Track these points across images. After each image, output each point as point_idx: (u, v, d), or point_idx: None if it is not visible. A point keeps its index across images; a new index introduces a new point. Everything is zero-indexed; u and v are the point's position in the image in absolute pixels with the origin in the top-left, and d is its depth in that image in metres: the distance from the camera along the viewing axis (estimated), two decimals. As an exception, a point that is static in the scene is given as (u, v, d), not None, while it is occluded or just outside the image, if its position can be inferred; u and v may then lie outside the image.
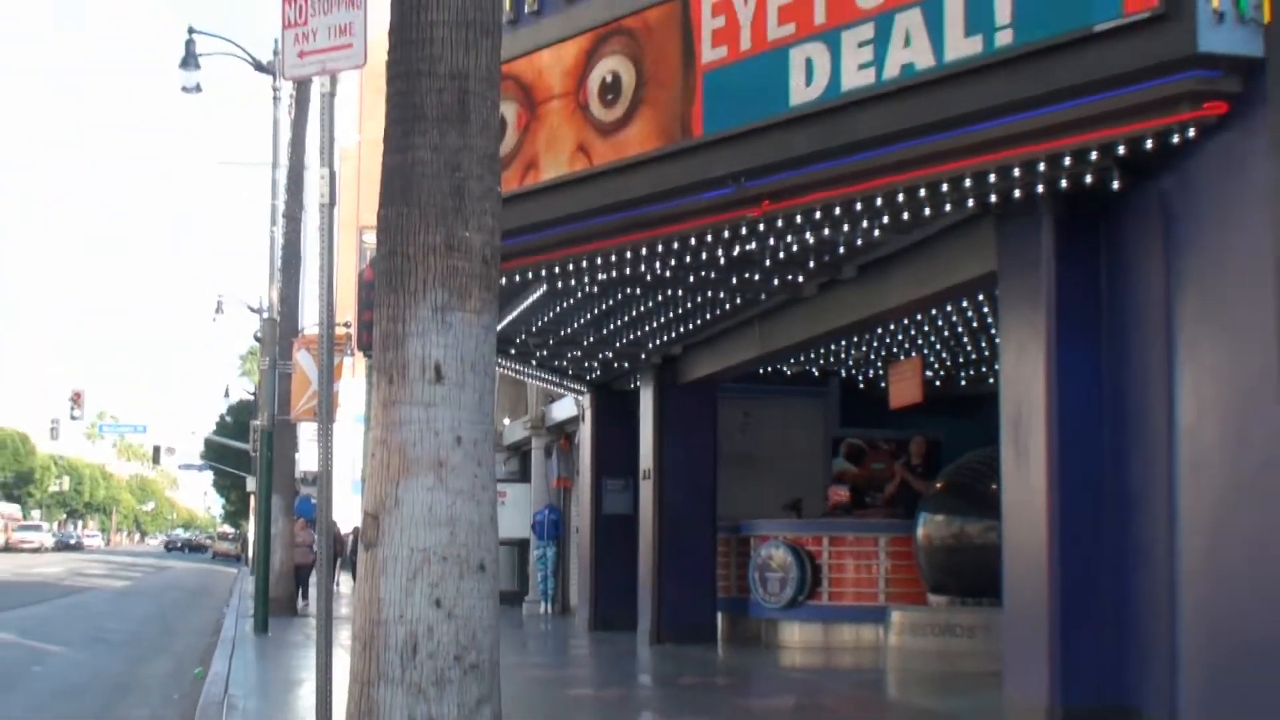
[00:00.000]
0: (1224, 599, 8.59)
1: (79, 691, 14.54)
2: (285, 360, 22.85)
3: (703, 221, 10.98)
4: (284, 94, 28.15)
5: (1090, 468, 9.96)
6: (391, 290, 5.16)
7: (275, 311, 25.59)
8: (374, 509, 5.06)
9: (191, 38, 27.55)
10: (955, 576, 15.86)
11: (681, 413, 19.46)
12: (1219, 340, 8.72)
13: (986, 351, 18.49)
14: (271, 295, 26.41)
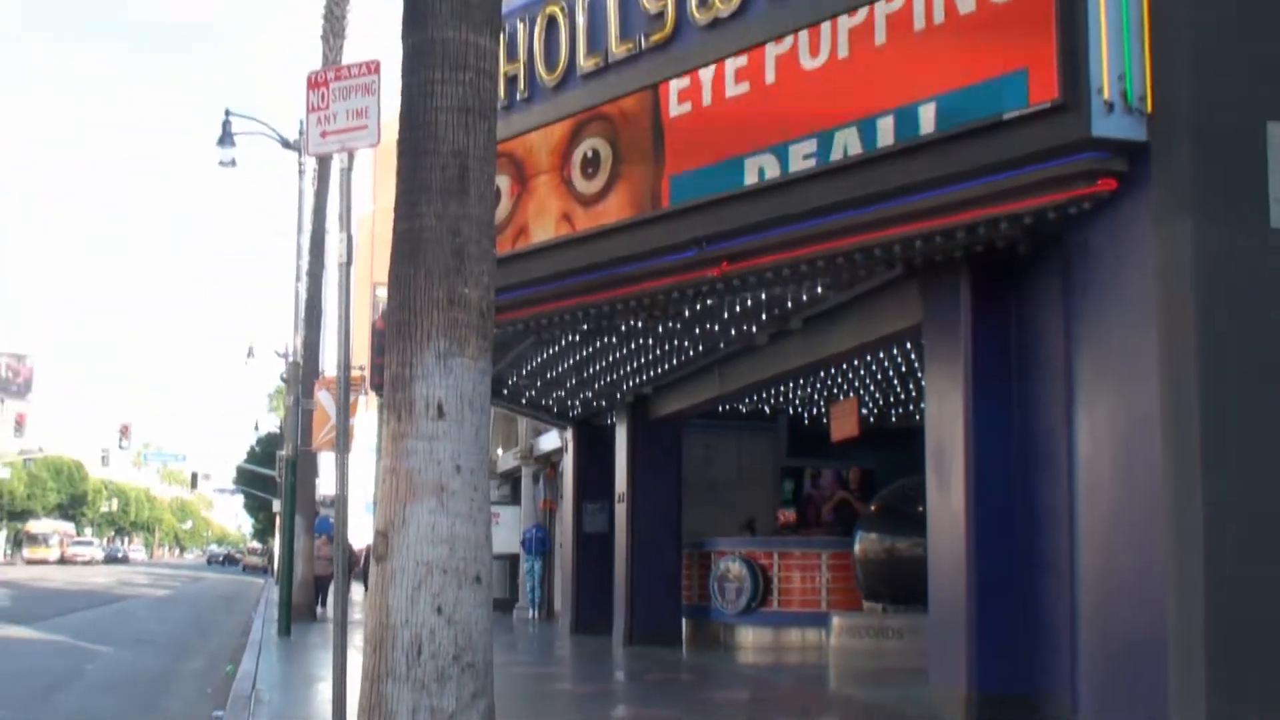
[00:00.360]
0: (1114, 605, 8.63)
1: (125, 685, 14.42)
2: (307, 398, 22.82)
3: (670, 280, 11.02)
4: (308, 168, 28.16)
5: (1002, 493, 9.99)
6: (401, 338, 5.18)
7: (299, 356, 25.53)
8: (384, 528, 5.06)
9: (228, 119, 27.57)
10: (887, 586, 15.87)
11: (651, 445, 19.48)
12: (1110, 386, 8.78)
13: (914, 393, 18.56)
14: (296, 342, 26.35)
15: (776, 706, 11.81)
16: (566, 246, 11.79)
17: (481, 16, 5.64)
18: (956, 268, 10.23)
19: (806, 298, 12.86)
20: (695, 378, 17.30)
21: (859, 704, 11.65)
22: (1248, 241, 8.21)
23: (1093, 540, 8.85)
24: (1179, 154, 8.25)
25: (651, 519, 19.31)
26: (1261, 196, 8.24)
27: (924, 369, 11.33)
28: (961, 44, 9.01)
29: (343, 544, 8.76)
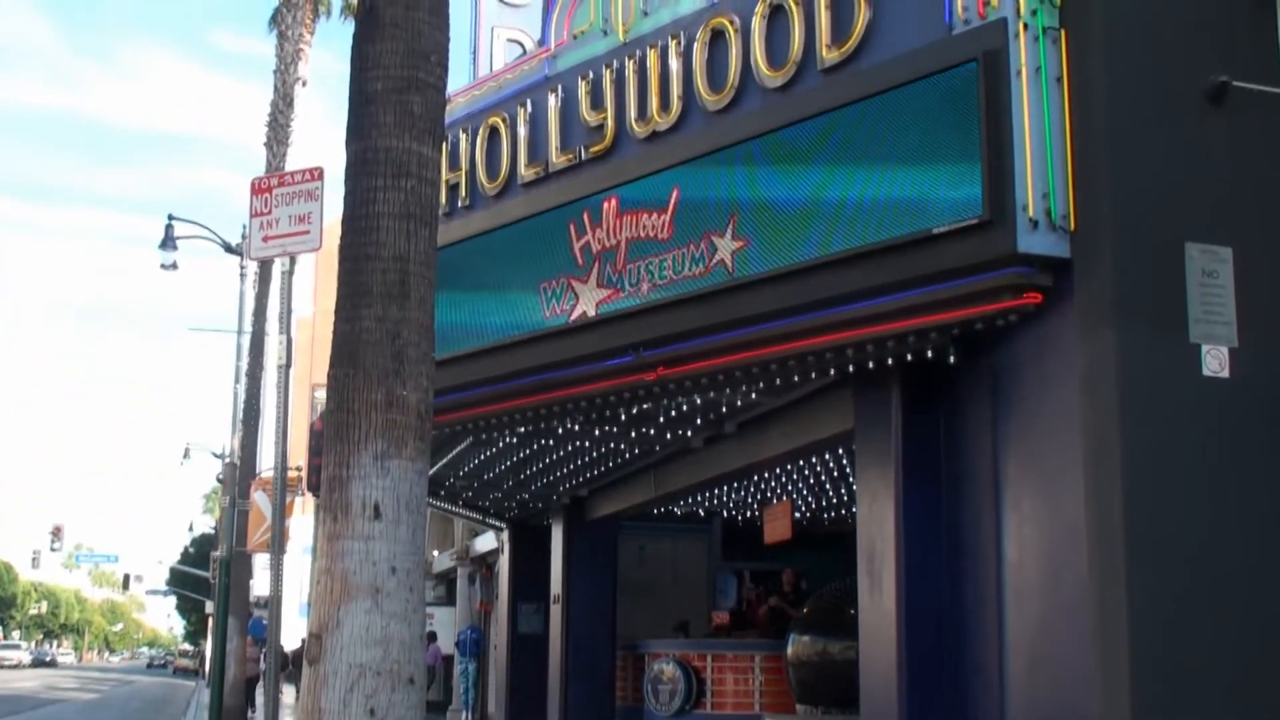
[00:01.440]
0: (1037, 711, 8.62)
1: (49, 792, 13.97)
2: (243, 499, 22.54)
3: (606, 384, 11.05)
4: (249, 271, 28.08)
5: (932, 596, 9.99)
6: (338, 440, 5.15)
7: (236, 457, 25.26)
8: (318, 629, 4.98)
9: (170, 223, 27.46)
10: (820, 689, 15.76)
11: (587, 546, 19.39)
12: (1036, 490, 8.85)
13: (846, 496, 18.59)
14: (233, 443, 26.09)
15: (710, 811, 11.64)
16: (505, 350, 11.80)
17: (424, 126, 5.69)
18: (888, 375, 10.32)
19: (741, 403, 12.92)
20: (631, 480, 17.27)
21: (792, 808, 11.50)
22: (1168, 355, 8.37)
23: (1020, 646, 8.86)
24: (1101, 270, 8.42)
25: (586, 620, 19.16)
26: (1181, 312, 8.42)
27: (855, 473, 11.37)
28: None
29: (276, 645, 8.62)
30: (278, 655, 8.71)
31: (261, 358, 26.81)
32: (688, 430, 14.21)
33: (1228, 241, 8.60)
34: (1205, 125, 8.73)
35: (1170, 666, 8.00)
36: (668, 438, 14.52)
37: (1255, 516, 8.41)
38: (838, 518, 20.48)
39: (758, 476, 17.30)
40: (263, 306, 27.31)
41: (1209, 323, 8.48)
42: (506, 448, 15.52)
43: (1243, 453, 8.45)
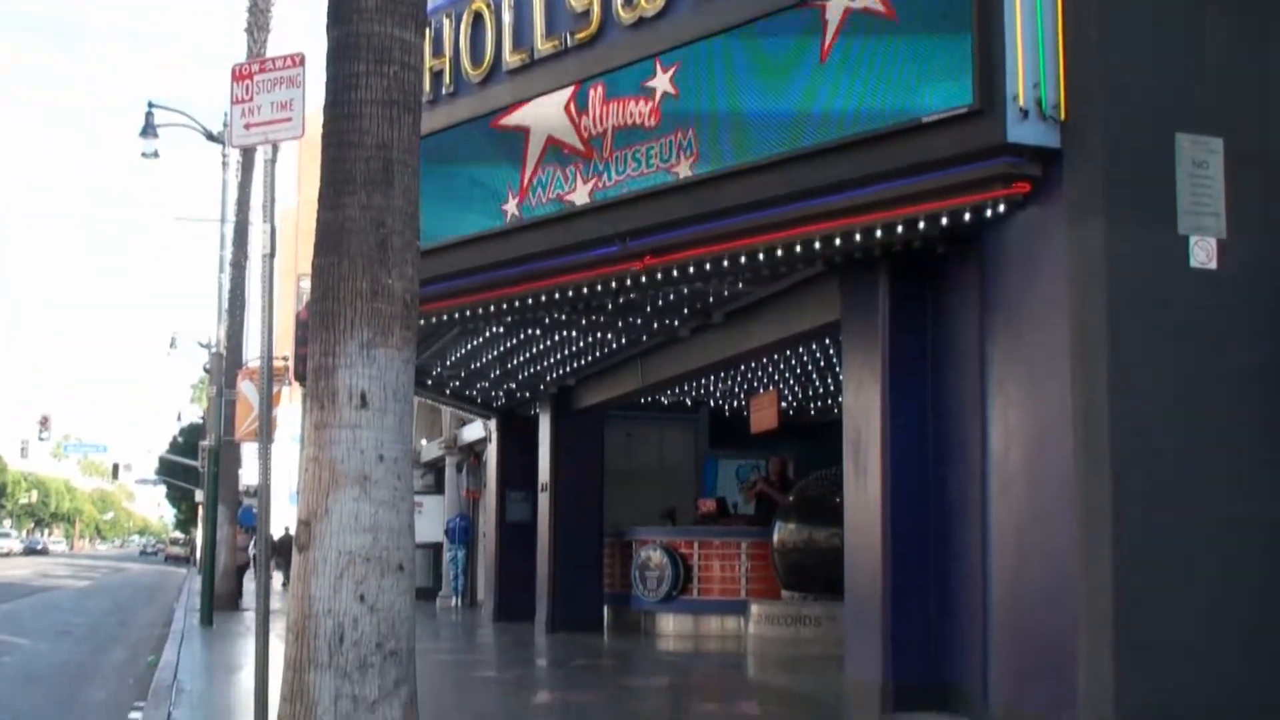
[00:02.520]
0: (1024, 598, 8.75)
1: (45, 678, 14.19)
2: (230, 389, 22.58)
3: (592, 274, 11.02)
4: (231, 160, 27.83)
5: (917, 484, 10.09)
6: (324, 329, 5.13)
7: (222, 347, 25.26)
8: (307, 517, 5.02)
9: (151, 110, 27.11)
10: (805, 575, 15.99)
11: (574, 435, 19.50)
12: (1023, 381, 8.89)
13: (832, 386, 18.71)
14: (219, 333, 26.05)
15: (696, 692, 11.86)
16: (491, 240, 11.75)
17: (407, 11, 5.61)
18: (875, 266, 10.31)
19: (728, 293, 12.92)
20: (618, 370, 17.32)
21: (776, 690, 11.73)
22: (1156, 247, 8.36)
23: (1004, 535, 8.97)
24: (1091, 161, 8.37)
25: (574, 508, 19.35)
26: (1170, 203, 8.40)
27: (842, 363, 11.41)
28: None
29: (265, 533, 8.67)
30: (267, 542, 8.78)
31: (246, 247, 26.70)
32: (675, 320, 14.22)
33: (1218, 132, 8.56)
34: (1198, 14, 8.64)
35: (1154, 554, 8.10)
36: (655, 328, 14.54)
37: (1241, 407, 8.47)
38: (824, 407, 20.63)
39: (745, 366, 17.37)
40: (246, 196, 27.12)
41: (1197, 214, 8.46)
42: (493, 338, 15.54)
43: (1229, 344, 8.48)
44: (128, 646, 18.59)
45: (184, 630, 19.12)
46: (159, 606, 30.34)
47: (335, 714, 4.79)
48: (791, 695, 11.24)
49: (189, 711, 10.02)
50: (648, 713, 10.13)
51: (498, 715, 10.35)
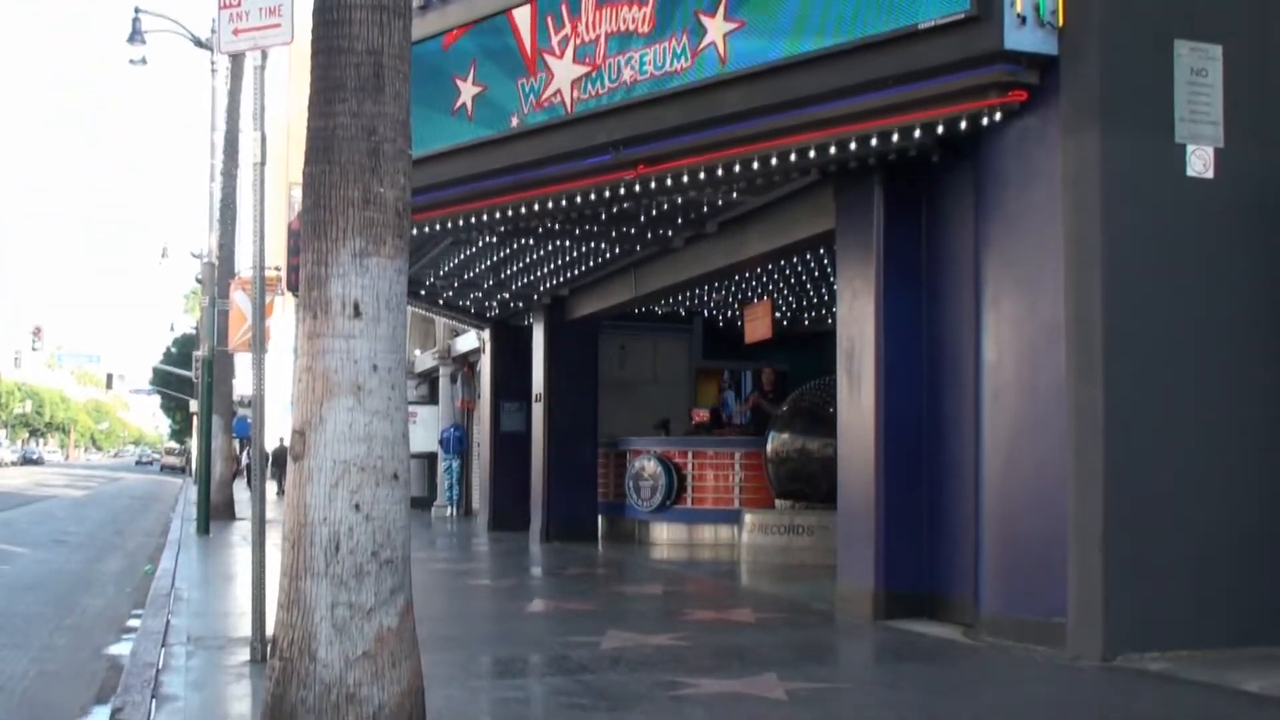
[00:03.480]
0: (1015, 508, 8.83)
1: (43, 585, 14.31)
2: (223, 299, 22.56)
3: (585, 183, 10.97)
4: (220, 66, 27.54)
5: (911, 395, 10.14)
6: (316, 238, 5.11)
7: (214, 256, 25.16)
8: (301, 427, 5.03)
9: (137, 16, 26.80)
10: (798, 485, 16.11)
11: (568, 345, 19.54)
12: (1016, 293, 8.90)
13: (826, 297, 18.71)
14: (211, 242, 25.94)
15: (690, 599, 11.99)
16: (482, 148, 11.68)
17: (397, -87, 5.52)
18: (870, 175, 10.28)
19: (722, 202, 12.88)
20: (612, 280, 17.31)
21: (769, 598, 11.87)
22: (1153, 155, 8.34)
23: (996, 444, 9.03)
24: (1088, 68, 8.32)
25: (568, 418, 19.44)
26: (1167, 112, 8.36)
27: (836, 273, 11.41)
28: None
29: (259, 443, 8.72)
30: (261, 453, 8.82)
31: (236, 156, 26.49)
32: (668, 230, 14.19)
33: (1218, 40, 8.49)
34: (1200, -84, 8.54)
35: (1144, 462, 8.17)
36: (648, 237, 14.51)
37: (1235, 316, 8.50)
38: (818, 317, 20.65)
39: (739, 276, 17.36)
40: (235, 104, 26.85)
41: (1195, 122, 8.42)
42: (486, 247, 15.50)
43: (1224, 253, 8.49)
44: (125, 555, 18.74)
45: (180, 539, 19.26)
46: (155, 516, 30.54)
47: (332, 621, 4.85)
48: (784, 603, 11.37)
49: (187, 619, 10.13)
50: (642, 619, 10.25)
51: (493, 622, 10.47)
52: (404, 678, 4.94)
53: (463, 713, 6.40)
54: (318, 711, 4.78)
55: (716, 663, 8.02)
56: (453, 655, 8.19)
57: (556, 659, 8.14)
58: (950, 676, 7.70)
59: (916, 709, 6.57)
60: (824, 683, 7.35)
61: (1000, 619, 8.82)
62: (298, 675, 4.84)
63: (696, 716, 6.27)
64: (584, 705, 6.58)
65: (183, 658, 8.20)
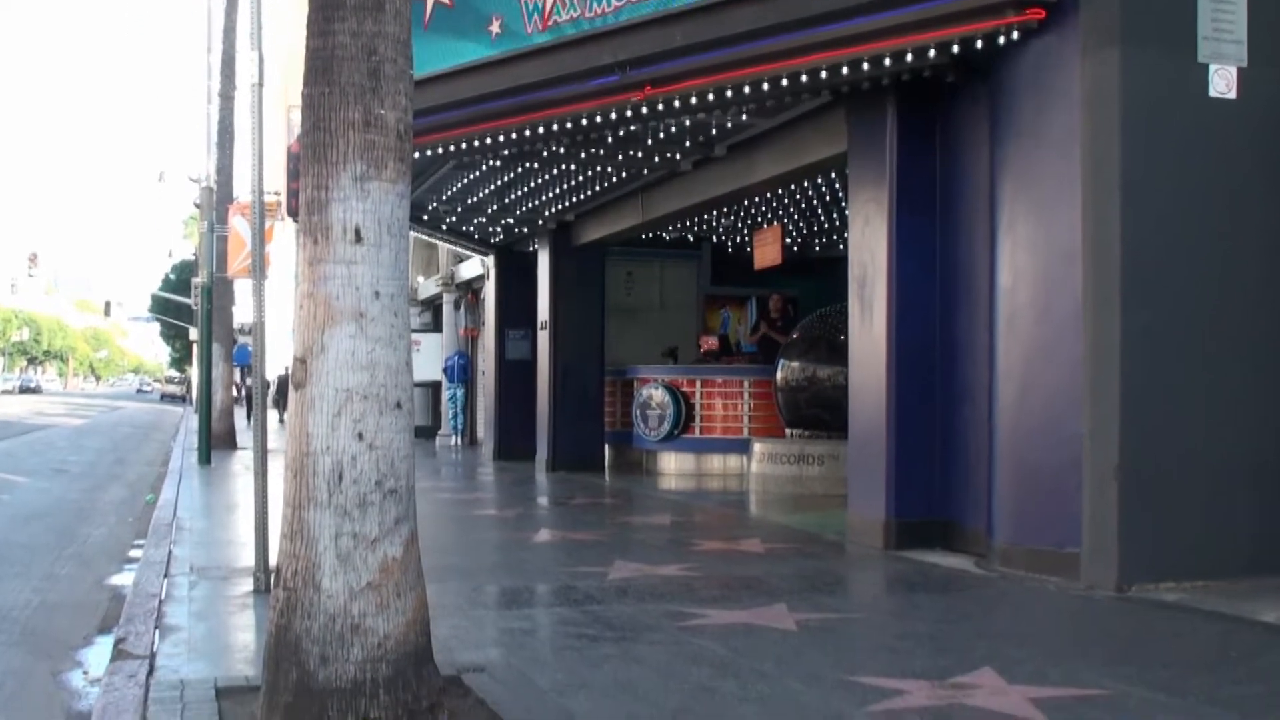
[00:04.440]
0: (1030, 436, 8.83)
1: (45, 515, 14.41)
2: (222, 224, 22.52)
3: (591, 104, 10.88)
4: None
5: (924, 321, 10.13)
6: (315, 161, 5.07)
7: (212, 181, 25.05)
8: (303, 354, 5.02)
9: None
10: (808, 413, 16.14)
11: (574, 272, 19.51)
12: (1032, 217, 8.85)
13: (837, 221, 18.64)
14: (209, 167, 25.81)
15: (698, 529, 12.05)
16: (486, 69, 11.57)
17: None
18: (883, 96, 10.19)
19: (731, 124, 12.79)
20: (618, 205, 17.24)
21: (779, 528, 11.92)
22: (1174, 75, 8.26)
23: (1010, 371, 9.02)
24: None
25: (575, 346, 19.45)
26: (1189, 30, 8.26)
27: (848, 197, 11.36)
28: None
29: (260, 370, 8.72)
30: (263, 381, 8.83)
31: (234, 78, 26.31)
32: (676, 153, 14.11)
33: (1243, -47, 8.38)
34: None
35: (1162, 388, 8.16)
36: (656, 161, 14.43)
37: (1257, 239, 8.45)
38: (829, 243, 20.60)
39: (748, 201, 17.28)
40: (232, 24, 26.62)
41: (1218, 41, 8.32)
42: (489, 172, 15.43)
43: (1246, 176, 8.42)
44: (126, 485, 18.85)
45: (182, 469, 19.37)
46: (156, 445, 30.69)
47: (335, 551, 4.86)
48: (794, 533, 11.42)
49: (190, 548, 10.20)
50: (650, 550, 10.30)
51: (499, 553, 10.53)
52: (409, 608, 4.96)
53: (469, 643, 6.45)
54: (322, 642, 4.81)
55: (725, 593, 8.07)
56: (458, 586, 8.25)
57: (563, 589, 8.19)
58: (962, 607, 7.74)
59: (928, 639, 6.61)
60: (834, 613, 7.39)
61: (1013, 549, 8.86)
62: (302, 606, 4.86)
63: (705, 647, 6.32)
64: (591, 636, 6.63)
65: (186, 588, 8.26)
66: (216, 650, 6.51)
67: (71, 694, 6.43)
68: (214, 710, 5.08)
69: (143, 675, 5.72)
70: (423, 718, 4.88)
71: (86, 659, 7.19)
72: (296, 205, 5.43)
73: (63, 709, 6.13)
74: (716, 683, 5.56)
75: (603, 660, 6.04)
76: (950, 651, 6.27)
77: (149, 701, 5.25)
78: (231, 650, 6.57)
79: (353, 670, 4.81)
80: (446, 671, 5.36)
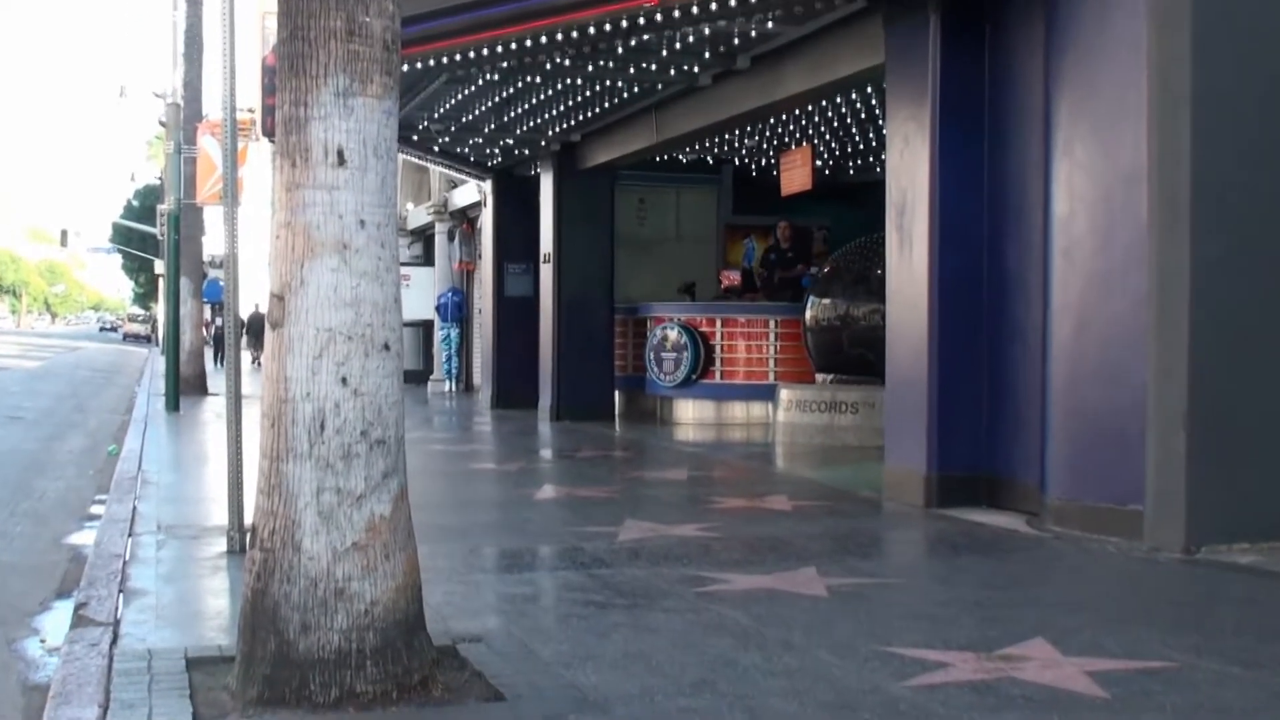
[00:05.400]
0: (1088, 379, 8.80)
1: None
2: (190, 145, 22.47)
3: (599, 10, 10.80)
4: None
5: (970, 253, 10.08)
6: (293, 74, 5.03)
7: (179, 97, 24.99)
8: (280, 290, 5.01)
9: None
10: (840, 356, 16.12)
11: (580, 199, 19.46)
12: (1092, 136, 8.77)
13: (874, 142, 18.55)
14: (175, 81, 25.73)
15: (718, 485, 12.07)
16: (483, -29, 11.50)
17: None
18: (924, 2, 10.10)
19: (756, 33, 12.69)
20: (629, 123, 17.16)
21: (808, 483, 11.93)
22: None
23: (1065, 306, 8.97)
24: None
25: (581, 281, 19.42)
26: (1270, -76, 8.17)
27: (885, 116, 11.27)
28: None
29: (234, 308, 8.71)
30: (236, 319, 8.82)
31: (202, -20, 26.16)
32: (694, 65, 14.01)
33: None
34: None
35: (1236, 326, 8.12)
36: (671, 74, 14.34)
37: (1340, 162, 8.38)
38: (865, 166, 20.52)
39: (774, 119, 17.20)
40: (199, -79, 26.43)
41: (1304, -64, 8.22)
42: (486, 86, 15.35)
43: (1332, 89, 8.34)
44: (86, 434, 18.93)
45: (147, 416, 19.43)
46: (119, 390, 30.80)
47: (317, 508, 4.87)
48: (825, 489, 11.43)
49: (156, 505, 10.24)
50: (665, 508, 10.33)
51: (498, 511, 10.57)
52: (398, 571, 4.98)
53: (465, 610, 6.47)
54: (303, 608, 4.83)
55: (748, 556, 8.08)
56: (453, 547, 8.27)
57: (569, 551, 8.21)
58: (1011, 570, 7.75)
59: (973, 606, 6.62)
60: (869, 578, 7.40)
61: (1068, 506, 8.85)
62: (280, 568, 4.87)
63: (726, 615, 6.33)
64: (599, 602, 6.64)
65: (152, 548, 8.29)
66: (186, 617, 6.54)
67: (28, 664, 6.47)
68: (184, 682, 5.10)
69: (106, 644, 5.74)
70: (414, 692, 4.91)
71: (44, 626, 7.24)
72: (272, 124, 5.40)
73: (18, 680, 6.17)
74: (738, 654, 5.57)
75: (612, 629, 6.06)
76: (998, 620, 6.27)
77: (113, 673, 5.27)
78: (203, 617, 6.60)
79: (336, 639, 4.83)
80: (440, 641, 5.37)
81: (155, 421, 18.72)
